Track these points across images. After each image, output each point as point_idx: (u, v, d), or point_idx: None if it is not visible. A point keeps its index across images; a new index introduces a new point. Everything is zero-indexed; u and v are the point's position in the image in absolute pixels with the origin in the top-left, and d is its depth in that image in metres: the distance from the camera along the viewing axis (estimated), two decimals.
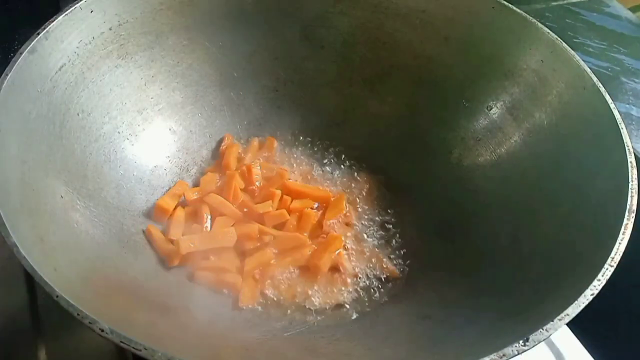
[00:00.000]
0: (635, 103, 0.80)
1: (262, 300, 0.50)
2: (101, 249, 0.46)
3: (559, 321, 0.35)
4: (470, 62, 0.57)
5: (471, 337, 0.41)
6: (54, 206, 0.43)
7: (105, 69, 0.52)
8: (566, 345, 0.53)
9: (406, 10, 0.59)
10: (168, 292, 0.48)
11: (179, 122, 0.59)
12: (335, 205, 0.57)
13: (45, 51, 0.46)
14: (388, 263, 0.54)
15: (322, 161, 0.62)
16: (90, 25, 0.50)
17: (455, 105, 0.58)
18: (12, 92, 0.42)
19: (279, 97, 0.63)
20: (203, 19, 0.58)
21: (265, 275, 0.52)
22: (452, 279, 0.50)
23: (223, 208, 0.54)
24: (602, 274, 0.37)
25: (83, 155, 0.49)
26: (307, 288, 0.52)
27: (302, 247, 0.53)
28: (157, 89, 0.57)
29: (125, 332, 0.31)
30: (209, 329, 0.46)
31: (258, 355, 0.44)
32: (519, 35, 0.53)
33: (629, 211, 0.40)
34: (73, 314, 0.32)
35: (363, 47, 0.61)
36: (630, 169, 0.42)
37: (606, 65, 0.86)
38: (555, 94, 0.51)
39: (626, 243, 0.38)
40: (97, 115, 0.51)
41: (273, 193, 0.56)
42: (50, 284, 0.33)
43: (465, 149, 0.57)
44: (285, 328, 0.48)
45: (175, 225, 0.53)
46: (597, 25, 0.95)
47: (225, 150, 0.60)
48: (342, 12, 0.60)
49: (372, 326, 0.49)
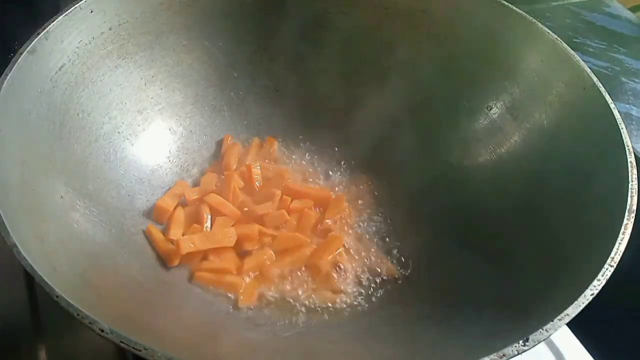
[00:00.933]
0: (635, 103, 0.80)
1: (262, 300, 0.50)
2: (101, 249, 0.46)
3: (559, 321, 0.35)
4: (470, 62, 0.57)
5: (471, 337, 0.41)
6: (54, 206, 0.43)
7: (105, 69, 0.52)
8: (566, 345, 0.53)
9: (406, 10, 0.59)
10: (168, 292, 0.48)
11: (179, 122, 0.59)
12: (335, 205, 0.57)
13: (45, 51, 0.46)
14: (388, 263, 0.54)
15: (322, 161, 0.62)
16: (90, 25, 0.50)
17: (455, 105, 0.58)
18: (12, 92, 0.42)
19: (279, 97, 0.63)
20: (203, 19, 0.58)
21: (265, 275, 0.52)
22: (451, 278, 0.50)
23: (223, 208, 0.54)
24: (602, 274, 0.37)
25: (83, 155, 0.49)
26: (307, 288, 0.52)
27: (302, 247, 0.53)
28: (157, 89, 0.57)
29: (125, 332, 0.31)
30: (209, 329, 0.46)
31: (258, 355, 0.44)
32: (519, 35, 0.53)
33: (629, 211, 0.40)
34: (73, 314, 0.32)
35: (363, 47, 0.61)
36: (630, 169, 0.42)
37: (606, 65, 0.86)
38: (555, 94, 0.51)
39: (626, 243, 0.38)
40: (97, 115, 0.51)
41: (273, 193, 0.56)
42: (50, 284, 0.33)
43: (465, 149, 0.57)
44: (285, 328, 0.48)
45: (175, 225, 0.53)
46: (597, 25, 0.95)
47: (226, 151, 0.60)
48: (342, 12, 0.60)
49: (372, 326, 0.49)
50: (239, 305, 0.49)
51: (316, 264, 0.52)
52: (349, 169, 0.62)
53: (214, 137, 0.61)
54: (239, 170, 0.58)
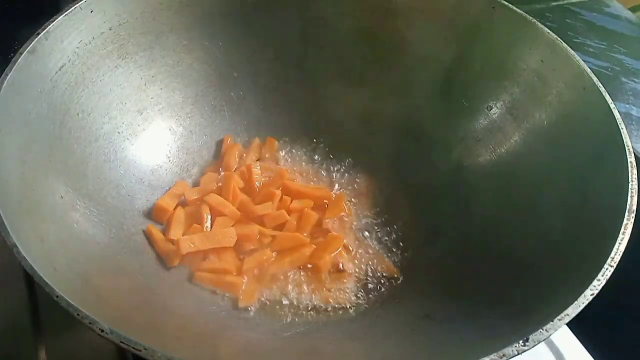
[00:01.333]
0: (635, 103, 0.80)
1: (262, 300, 0.50)
2: (101, 249, 0.46)
3: (559, 321, 0.35)
4: (470, 62, 0.57)
5: (471, 337, 0.41)
6: (54, 206, 0.43)
7: (105, 69, 0.52)
8: (566, 345, 0.53)
9: (406, 10, 0.59)
10: (168, 292, 0.48)
11: (179, 122, 0.59)
12: (335, 204, 0.57)
13: (45, 51, 0.46)
14: (388, 263, 0.54)
15: (322, 161, 0.62)
16: (90, 25, 0.50)
17: (455, 105, 0.58)
18: (12, 92, 0.42)
19: (279, 97, 0.63)
20: (203, 19, 0.58)
21: (265, 275, 0.52)
22: (452, 278, 0.50)
23: (223, 208, 0.54)
24: (602, 274, 0.37)
25: (83, 155, 0.49)
26: (307, 288, 0.52)
27: (302, 247, 0.53)
28: (157, 89, 0.57)
29: (125, 332, 0.31)
30: (209, 329, 0.46)
31: (258, 356, 0.44)
32: (519, 35, 0.53)
33: (629, 211, 0.40)
34: (73, 314, 0.32)
35: (363, 47, 0.61)
36: (630, 169, 0.42)
37: (606, 65, 0.86)
38: (555, 94, 0.51)
39: (626, 243, 0.38)
40: (97, 115, 0.51)
41: (273, 193, 0.56)
42: (50, 284, 0.33)
43: (465, 149, 0.57)
44: (285, 328, 0.48)
45: (175, 225, 0.53)
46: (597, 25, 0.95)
47: (226, 151, 0.60)
48: (342, 12, 0.60)
49: (372, 326, 0.49)
50: (239, 305, 0.49)
51: (316, 264, 0.52)
52: (349, 169, 0.62)
53: (214, 137, 0.61)
54: (239, 170, 0.58)
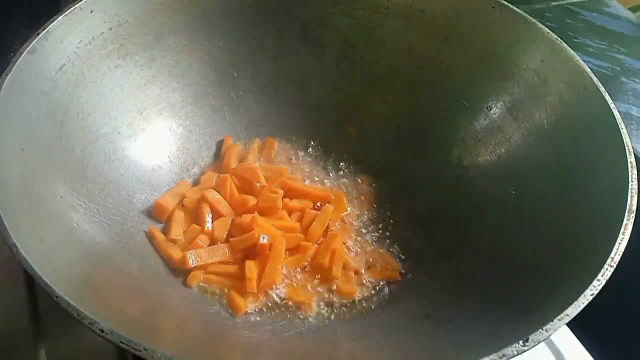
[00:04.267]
0: (635, 103, 0.80)
1: (262, 300, 0.50)
2: (101, 249, 0.46)
3: (559, 321, 0.35)
4: (470, 62, 0.57)
5: (471, 337, 0.41)
6: (54, 206, 0.43)
7: (105, 69, 0.52)
8: (566, 345, 0.53)
9: (406, 10, 0.59)
10: (168, 292, 0.48)
11: (179, 122, 0.59)
12: (336, 204, 0.57)
13: (45, 51, 0.46)
14: (388, 262, 0.54)
15: (322, 161, 0.62)
16: (90, 25, 0.50)
17: (455, 105, 0.58)
18: (12, 92, 0.42)
19: (279, 97, 0.63)
20: (203, 19, 0.58)
21: (265, 275, 0.52)
22: (452, 278, 0.50)
23: (219, 205, 0.54)
24: (602, 274, 0.37)
25: (83, 155, 0.49)
26: (307, 288, 0.52)
27: (303, 247, 0.53)
28: (157, 89, 0.57)
29: (125, 332, 0.31)
30: (209, 329, 0.46)
31: (258, 356, 0.44)
32: (519, 35, 0.53)
33: (629, 211, 0.40)
34: (73, 314, 0.32)
35: (363, 47, 0.61)
36: (630, 169, 0.42)
37: (606, 65, 0.86)
38: (555, 94, 0.51)
39: (626, 243, 0.38)
40: (97, 115, 0.51)
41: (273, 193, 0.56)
42: (50, 284, 0.33)
43: (465, 149, 0.57)
44: (286, 328, 0.48)
45: (176, 225, 0.53)
46: (597, 25, 0.95)
47: (226, 151, 0.60)
48: (342, 12, 0.60)
49: (372, 326, 0.49)
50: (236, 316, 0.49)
51: (316, 264, 0.52)
52: (349, 169, 0.62)
53: (214, 137, 0.61)
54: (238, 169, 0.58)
